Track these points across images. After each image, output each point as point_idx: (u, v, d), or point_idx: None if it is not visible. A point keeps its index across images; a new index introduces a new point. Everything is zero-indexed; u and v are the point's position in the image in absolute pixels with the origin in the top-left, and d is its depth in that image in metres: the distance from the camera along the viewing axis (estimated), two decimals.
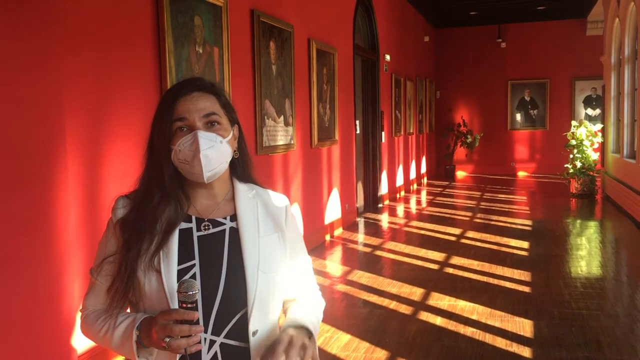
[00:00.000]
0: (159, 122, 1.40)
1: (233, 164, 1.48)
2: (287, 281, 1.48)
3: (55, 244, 3.00)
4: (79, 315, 1.48)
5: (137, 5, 3.79)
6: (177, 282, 1.34)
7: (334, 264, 6.48)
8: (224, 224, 1.43)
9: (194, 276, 1.36)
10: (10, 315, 2.75)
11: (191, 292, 1.26)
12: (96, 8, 3.46)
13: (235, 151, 1.45)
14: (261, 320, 1.40)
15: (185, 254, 1.38)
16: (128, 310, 1.44)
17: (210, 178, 1.39)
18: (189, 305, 1.26)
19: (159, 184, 1.39)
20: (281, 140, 6.10)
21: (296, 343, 1.33)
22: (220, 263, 1.39)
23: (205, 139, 1.36)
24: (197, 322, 1.27)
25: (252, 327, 1.38)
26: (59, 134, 3.06)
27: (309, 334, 1.39)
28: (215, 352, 1.36)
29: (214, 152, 1.37)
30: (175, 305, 1.32)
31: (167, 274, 1.35)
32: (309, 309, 1.50)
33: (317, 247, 7.05)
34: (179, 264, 1.36)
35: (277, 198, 1.53)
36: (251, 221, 1.44)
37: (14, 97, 2.76)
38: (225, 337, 1.37)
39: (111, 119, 3.56)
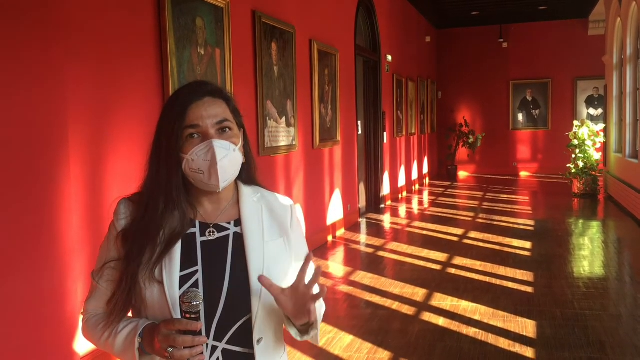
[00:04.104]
0: (168, 128, 1.35)
1: None
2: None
3: (58, 246, 3.01)
4: (81, 318, 1.48)
5: (139, 7, 3.79)
6: (180, 288, 1.32)
7: (336, 264, 6.48)
8: (228, 228, 1.41)
9: (196, 282, 1.34)
10: (13, 318, 2.75)
11: (195, 303, 1.24)
12: (98, 11, 3.46)
13: (243, 156, 1.43)
14: (266, 328, 1.38)
15: (188, 260, 1.36)
16: (130, 315, 1.42)
17: (223, 187, 1.37)
18: (193, 316, 1.25)
19: (165, 193, 1.36)
20: (283, 141, 6.10)
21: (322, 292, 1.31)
22: (224, 269, 1.36)
23: (221, 148, 1.33)
24: (200, 333, 1.26)
25: (256, 335, 1.36)
26: (62, 137, 3.06)
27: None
28: (218, 358, 1.34)
29: (229, 161, 1.35)
30: (177, 312, 1.31)
31: (169, 281, 1.33)
32: None
33: (319, 247, 7.05)
34: (181, 270, 1.34)
35: (282, 201, 1.51)
36: (256, 226, 1.42)
37: (17, 102, 2.77)
38: (227, 342, 1.35)
39: (113, 121, 3.56)
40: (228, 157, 1.34)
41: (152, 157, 1.39)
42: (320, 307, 1.44)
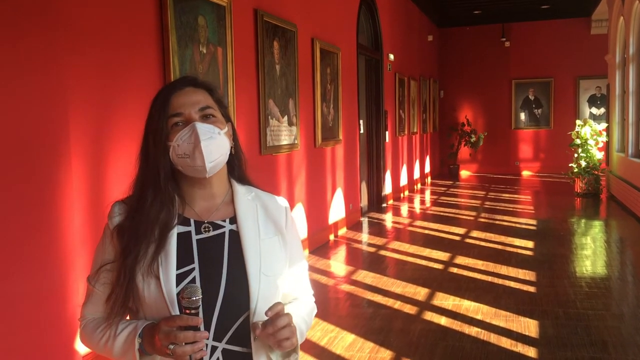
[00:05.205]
0: (153, 120, 1.38)
1: (230, 163, 1.45)
2: (285, 285, 1.46)
3: (59, 245, 3.00)
4: (79, 323, 1.46)
5: (140, 5, 3.79)
6: (176, 286, 1.31)
7: (338, 263, 6.47)
8: (224, 226, 1.41)
9: (193, 280, 1.33)
10: (13, 317, 2.75)
11: (194, 298, 1.24)
12: (100, 9, 3.46)
13: (231, 147, 1.43)
14: None
15: (184, 258, 1.35)
16: (127, 318, 1.41)
17: (211, 170, 1.36)
18: (193, 311, 1.24)
19: (154, 184, 1.37)
20: (285, 140, 6.09)
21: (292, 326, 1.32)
22: (220, 266, 1.36)
23: (204, 129, 1.34)
24: (201, 328, 1.26)
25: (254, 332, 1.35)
26: (63, 134, 3.06)
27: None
28: (218, 359, 1.33)
29: (214, 143, 1.34)
30: (175, 310, 1.30)
31: (166, 278, 1.32)
32: (301, 313, 1.47)
33: (321, 246, 7.05)
34: (178, 268, 1.33)
35: (276, 201, 1.51)
36: (251, 223, 1.42)
37: (18, 98, 2.76)
38: (227, 342, 1.34)
39: (115, 119, 3.56)
40: (213, 139, 1.34)
41: (142, 152, 1.41)
42: (300, 332, 1.42)
